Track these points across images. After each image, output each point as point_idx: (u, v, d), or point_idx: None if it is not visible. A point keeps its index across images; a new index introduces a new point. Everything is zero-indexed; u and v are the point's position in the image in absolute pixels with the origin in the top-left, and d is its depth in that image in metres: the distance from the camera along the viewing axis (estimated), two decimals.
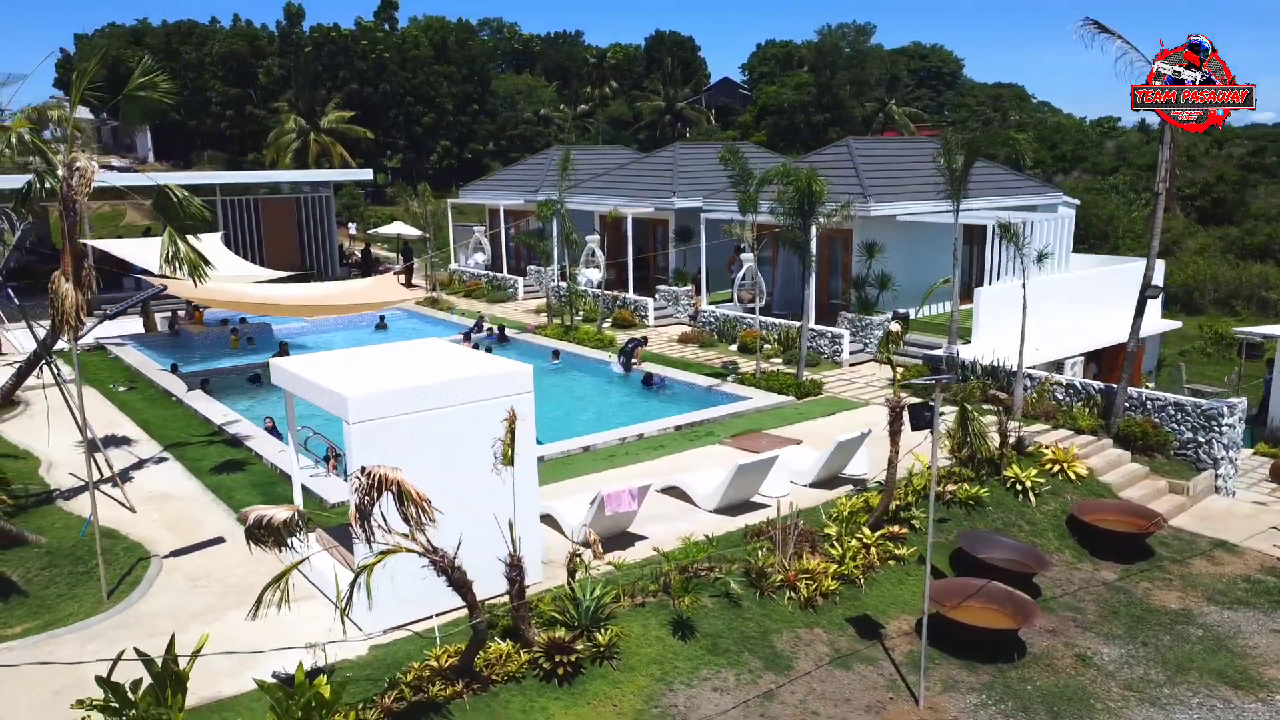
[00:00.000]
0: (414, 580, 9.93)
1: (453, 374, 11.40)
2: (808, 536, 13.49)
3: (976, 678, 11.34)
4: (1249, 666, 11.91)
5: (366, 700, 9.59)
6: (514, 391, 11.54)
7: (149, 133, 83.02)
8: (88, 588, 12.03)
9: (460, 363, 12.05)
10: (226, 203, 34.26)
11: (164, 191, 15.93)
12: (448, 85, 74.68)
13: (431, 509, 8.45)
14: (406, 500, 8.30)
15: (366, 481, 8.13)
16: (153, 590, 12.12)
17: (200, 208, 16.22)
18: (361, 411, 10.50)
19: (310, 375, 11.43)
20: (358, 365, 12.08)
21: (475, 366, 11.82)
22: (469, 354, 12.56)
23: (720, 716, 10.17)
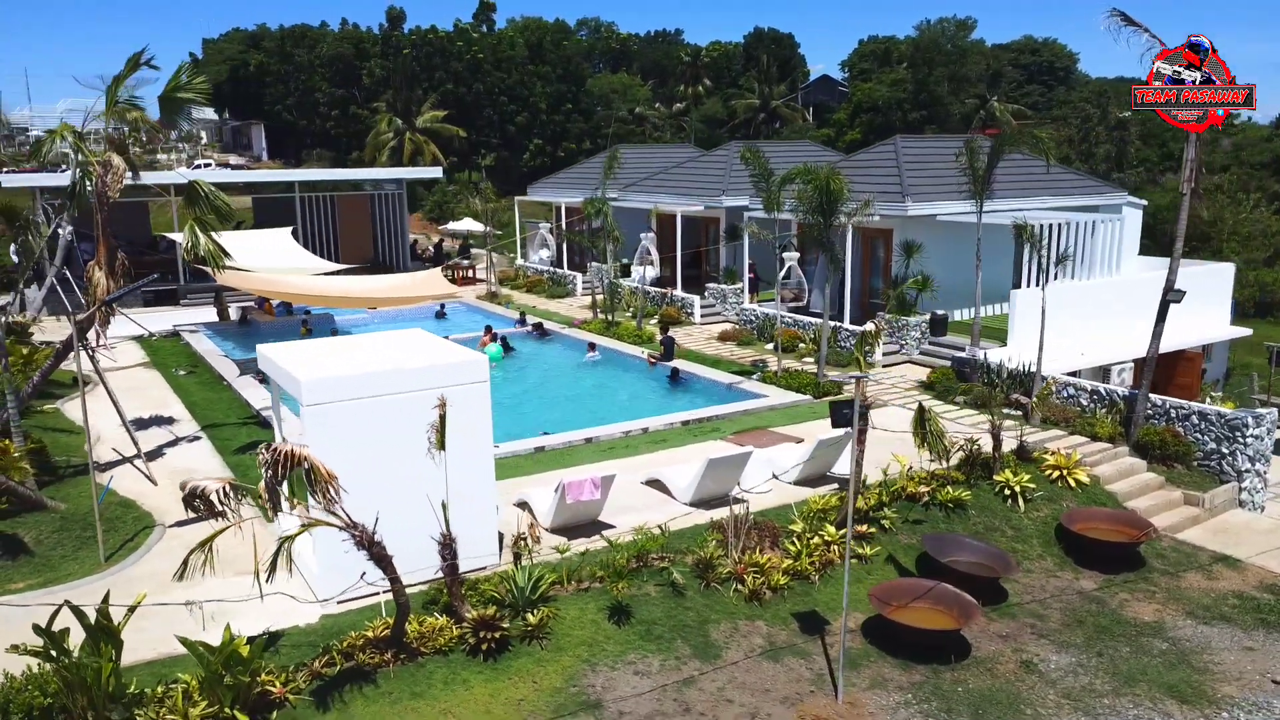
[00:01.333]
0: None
1: (406, 362, 12.04)
2: (770, 532, 13.69)
3: (908, 677, 11.38)
4: (1205, 682, 11.59)
5: (299, 664, 10.30)
6: (468, 380, 12.11)
7: (263, 132, 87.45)
8: (90, 551, 13.13)
9: (423, 352, 12.69)
10: (304, 199, 36.01)
11: (193, 186, 17.13)
12: (541, 85, 76.16)
13: (338, 486, 9.06)
14: (316, 477, 8.92)
15: (272, 458, 8.78)
16: (148, 556, 13.14)
17: (226, 202, 17.37)
18: (313, 394, 11.23)
19: (279, 360, 12.25)
20: (329, 352, 12.86)
21: (433, 356, 12.43)
22: (439, 345, 13.17)
23: (634, 698, 10.53)
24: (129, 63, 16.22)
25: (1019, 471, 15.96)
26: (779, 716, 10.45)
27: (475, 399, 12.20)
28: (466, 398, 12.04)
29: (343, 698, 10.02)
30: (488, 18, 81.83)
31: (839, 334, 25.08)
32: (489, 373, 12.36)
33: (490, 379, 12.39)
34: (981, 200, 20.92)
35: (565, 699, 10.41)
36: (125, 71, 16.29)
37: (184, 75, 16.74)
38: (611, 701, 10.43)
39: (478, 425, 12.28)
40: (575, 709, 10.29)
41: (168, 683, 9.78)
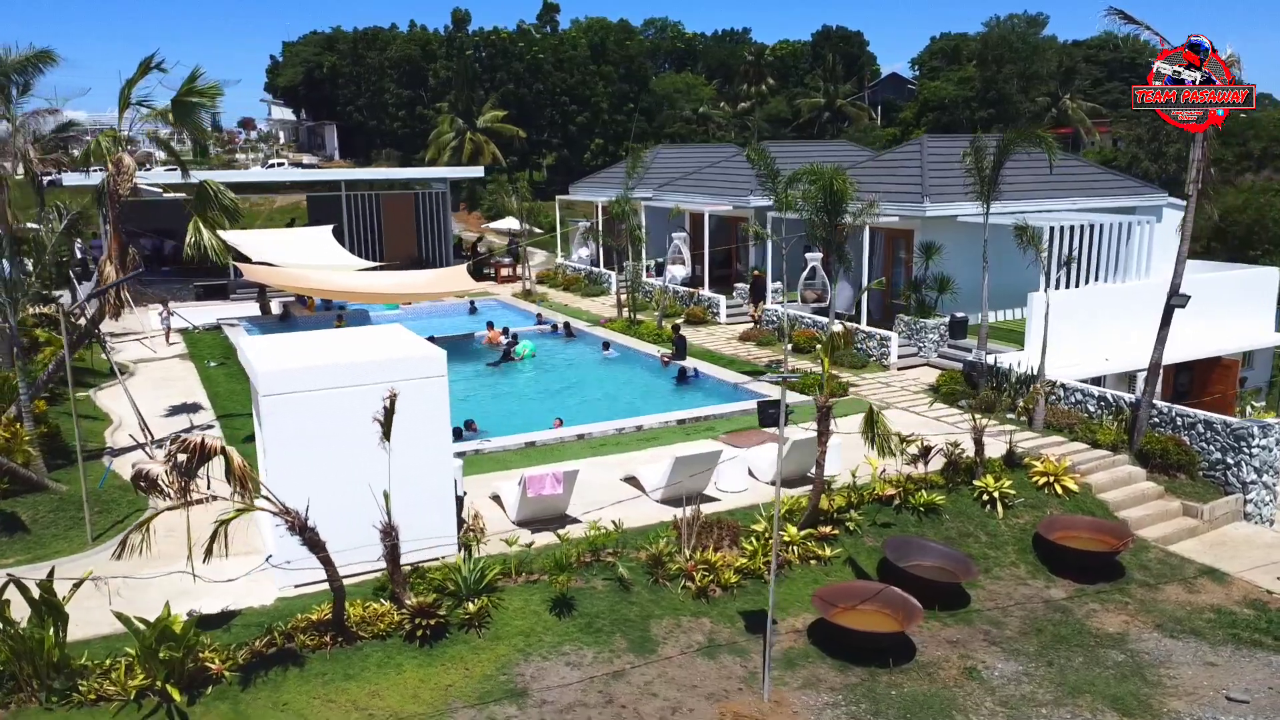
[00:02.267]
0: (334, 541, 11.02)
1: (365, 356, 12.46)
2: (731, 531, 13.78)
3: (844, 679, 11.37)
4: (1153, 696, 11.34)
5: (242, 643, 10.78)
6: (425, 375, 12.48)
7: (335, 132, 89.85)
8: (80, 530, 13.86)
9: (387, 347, 13.10)
10: (349, 197, 37.02)
11: (203, 186, 17.89)
12: (603, 85, 76.63)
13: (252, 475, 9.49)
14: (231, 468, 9.36)
15: (178, 449, 9.25)
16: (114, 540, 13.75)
17: (233, 201, 18.11)
18: (269, 385, 11.72)
19: (249, 352, 12.78)
20: (299, 346, 13.36)
21: (393, 351, 12.82)
22: (409, 340, 13.56)
23: (560, 688, 10.75)
24: (140, 66, 17.03)
25: (1001, 477, 15.73)
26: (701, 712, 10.57)
27: (432, 393, 12.56)
28: (423, 391, 12.42)
29: (277, 676, 10.47)
30: (551, 19, 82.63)
31: (856, 336, 24.88)
32: (446, 367, 12.69)
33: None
34: (988, 202, 20.55)
35: (493, 686, 10.69)
36: (136, 75, 17.10)
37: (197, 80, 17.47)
38: (537, 690, 10.68)
39: (435, 418, 12.64)
40: (500, 696, 10.56)
41: (116, 656, 10.33)
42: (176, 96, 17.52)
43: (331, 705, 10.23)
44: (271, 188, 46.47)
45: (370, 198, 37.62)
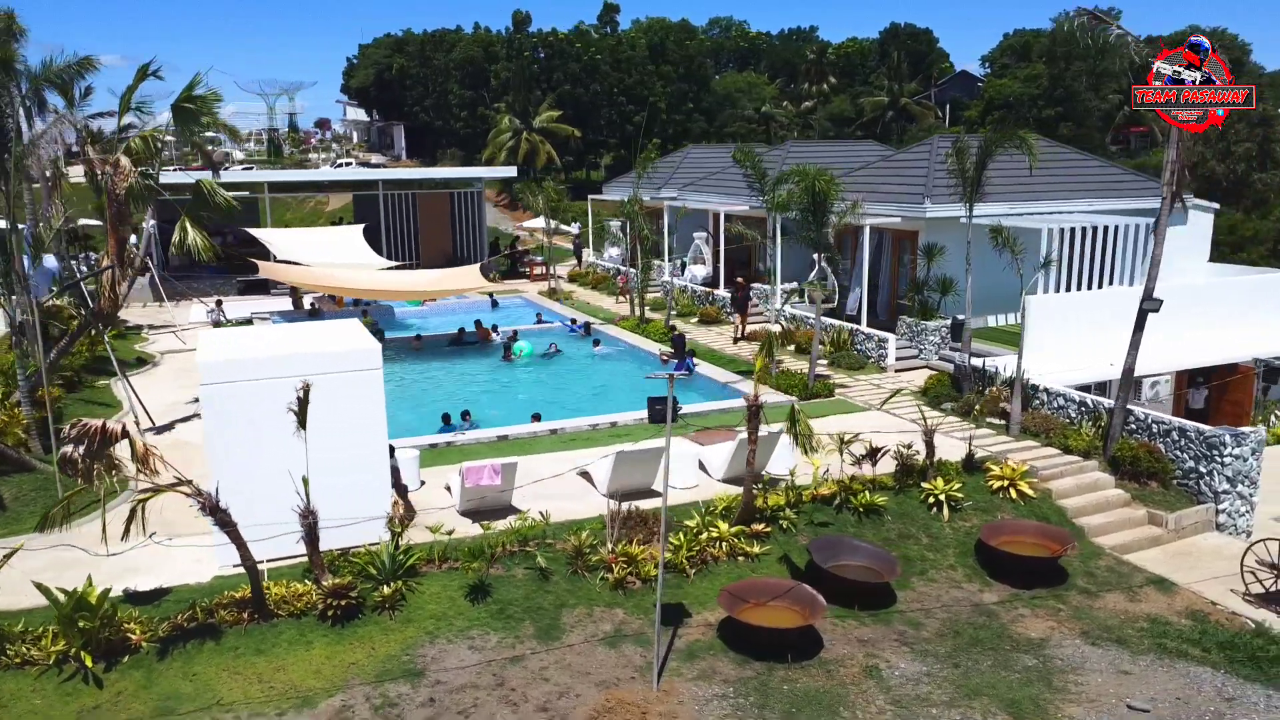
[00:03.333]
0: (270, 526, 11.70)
1: (301, 349, 13.10)
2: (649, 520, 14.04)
3: (739, 672, 11.58)
4: (1052, 701, 11.29)
5: (165, 616, 11.49)
6: (359, 368, 13.07)
7: (403, 132, 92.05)
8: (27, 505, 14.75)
9: (326, 340, 13.73)
10: (387, 196, 38.14)
11: (200, 185, 18.86)
12: (662, 85, 77.03)
13: (155, 457, 10.15)
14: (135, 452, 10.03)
15: (78, 433, 9.95)
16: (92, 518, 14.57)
17: (228, 200, 19.04)
18: (207, 375, 12.43)
19: (203, 344, 13.53)
20: (249, 339, 14.08)
21: (330, 344, 13.44)
22: (351, 334, 14.17)
23: (457, 670, 11.21)
24: (138, 73, 18.03)
25: (952, 480, 15.68)
26: (587, 697, 10.92)
27: (367, 385, 13.15)
28: (357, 384, 13.03)
29: (193, 649, 11.15)
30: (611, 19, 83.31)
31: (855, 337, 24.82)
32: (381, 360, 13.25)
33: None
34: (972, 203, 20.34)
35: (393, 665, 11.21)
36: (135, 82, 18.11)
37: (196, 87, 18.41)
38: (434, 672, 11.16)
39: (370, 409, 13.22)
40: (398, 675, 11.07)
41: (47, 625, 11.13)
42: (175, 102, 18.46)
43: (238, 677, 10.86)
44: (314, 187, 47.97)
45: (407, 197, 38.69)
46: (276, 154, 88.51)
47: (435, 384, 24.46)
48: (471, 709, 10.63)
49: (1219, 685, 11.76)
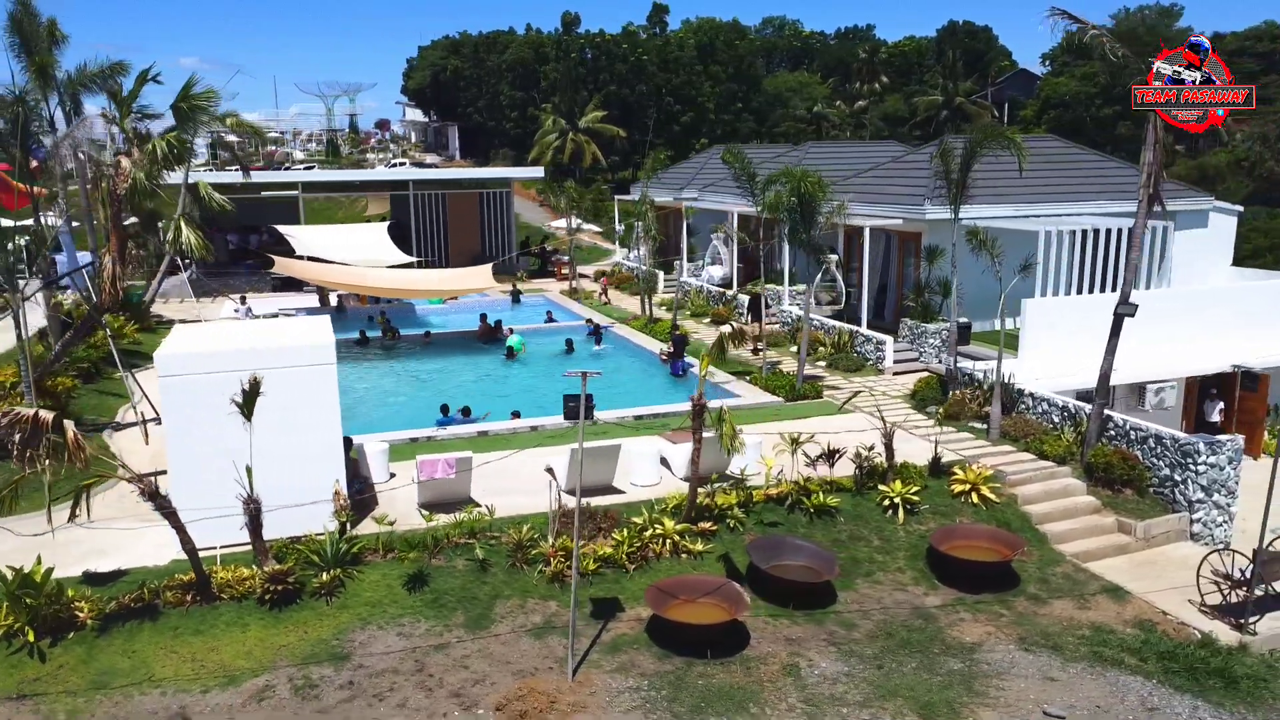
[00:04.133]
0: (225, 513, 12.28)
1: (256, 344, 13.65)
2: (612, 522, 14.32)
3: (658, 666, 11.78)
4: (968, 704, 11.29)
5: (112, 596, 12.11)
6: (312, 362, 13.58)
7: (457, 132, 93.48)
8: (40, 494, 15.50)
9: (283, 336, 14.26)
10: (417, 196, 38.97)
11: (197, 186, 19.63)
12: (710, 85, 77.06)
13: (85, 447, 10.72)
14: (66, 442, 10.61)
15: (9, 422, 10.54)
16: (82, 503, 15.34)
17: (221, 202, 19.79)
18: (165, 367, 13.04)
19: (169, 339, 14.16)
20: (214, 333, 14.70)
21: (287, 340, 13.97)
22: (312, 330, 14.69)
23: (382, 655, 11.62)
24: (138, 79, 18.88)
25: (911, 483, 15.65)
26: (502, 685, 11.23)
27: (321, 379, 13.65)
28: (310, 378, 13.55)
29: (135, 628, 11.74)
30: (661, 20, 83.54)
31: (855, 339, 24.74)
32: (335, 355, 13.74)
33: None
34: (957, 205, 20.16)
35: (321, 649, 11.66)
36: (136, 86, 18.96)
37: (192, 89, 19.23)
38: (359, 656, 11.58)
39: (323, 402, 13.71)
40: (324, 659, 11.51)
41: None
42: (174, 103, 19.32)
43: (173, 656, 11.41)
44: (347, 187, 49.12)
45: (437, 197, 39.46)
46: (334, 154, 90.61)
47: (442, 378, 25.01)
48: (387, 693, 11.03)
49: (1145, 695, 11.62)
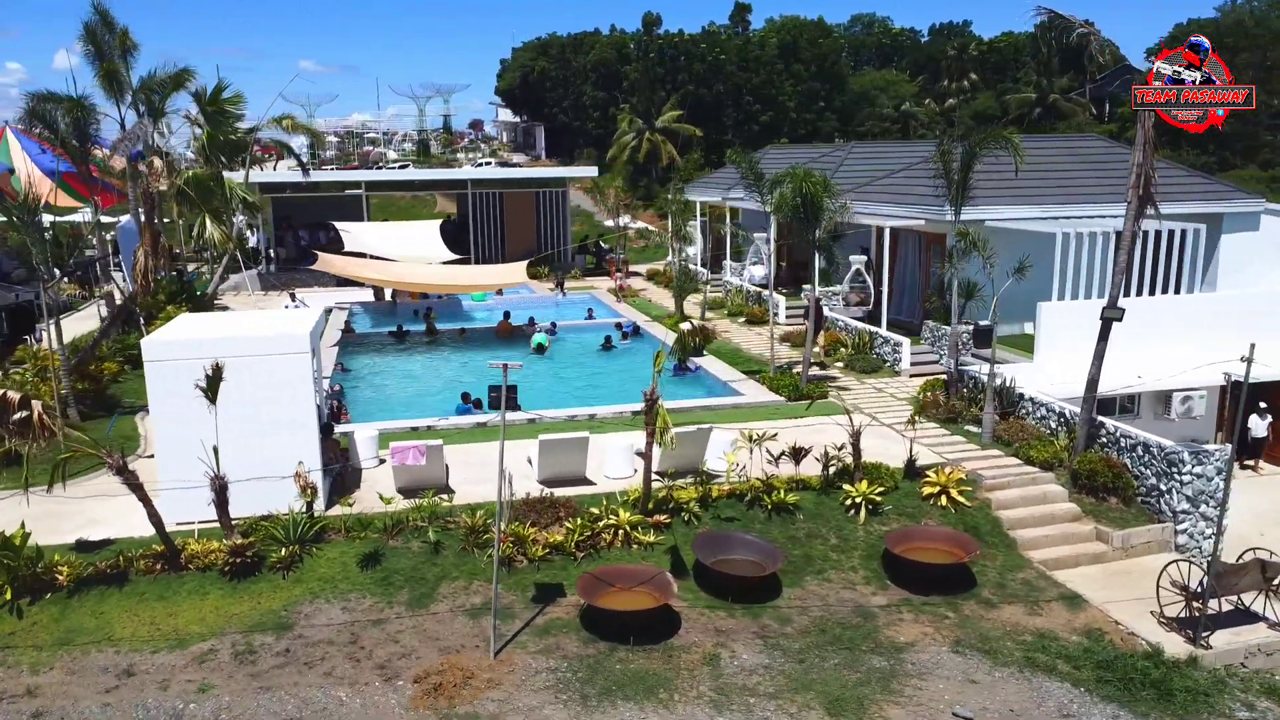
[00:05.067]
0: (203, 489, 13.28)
1: (235, 333, 14.60)
2: (570, 511, 14.78)
3: (581, 650, 12.20)
4: (877, 702, 11.38)
5: (90, 562, 13.15)
6: (287, 351, 14.43)
7: (543, 133, 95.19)
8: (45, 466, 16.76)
9: (266, 326, 15.17)
10: (475, 195, 40.12)
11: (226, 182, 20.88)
12: (792, 84, 76.64)
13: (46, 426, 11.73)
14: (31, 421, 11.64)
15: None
16: (87, 478, 16.40)
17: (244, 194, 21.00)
18: (150, 353, 14.07)
19: (166, 328, 15.23)
20: (206, 323, 15.71)
21: (264, 329, 14.86)
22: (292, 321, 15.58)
23: (323, 627, 12.35)
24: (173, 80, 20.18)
25: (882, 483, 15.66)
26: (427, 660, 11.83)
27: (295, 367, 14.50)
28: (285, 365, 14.41)
29: (106, 592, 12.75)
30: (743, 19, 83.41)
31: (874, 340, 24.60)
32: (310, 345, 14.57)
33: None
34: (959, 206, 19.88)
35: (268, 618, 12.45)
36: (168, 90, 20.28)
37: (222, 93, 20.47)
38: (302, 627, 12.33)
39: (298, 388, 14.56)
40: (269, 627, 12.30)
41: None
42: (204, 105, 20.56)
43: (134, 619, 12.37)
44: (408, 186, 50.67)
45: (494, 196, 40.54)
46: (425, 154, 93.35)
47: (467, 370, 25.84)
48: (318, 661, 11.75)
49: (1064, 701, 11.51)
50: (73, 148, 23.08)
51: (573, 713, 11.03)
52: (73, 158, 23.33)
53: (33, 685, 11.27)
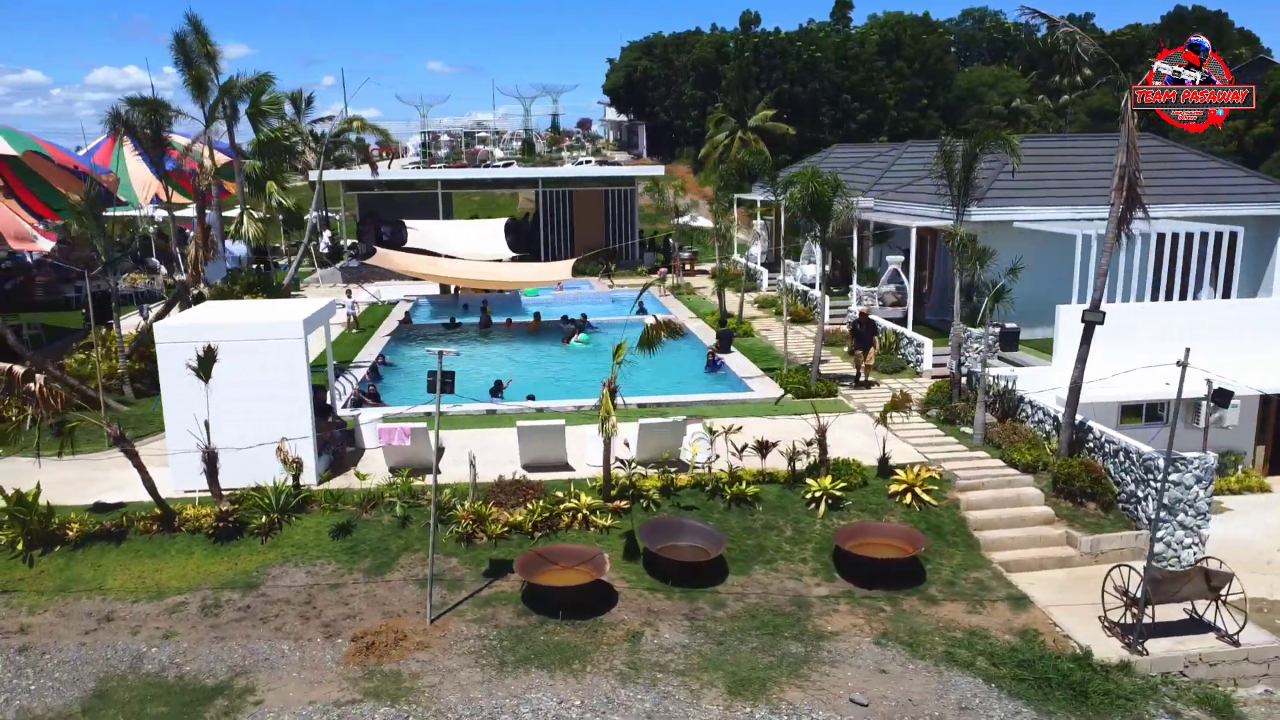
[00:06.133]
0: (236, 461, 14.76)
1: (234, 319, 15.97)
2: (536, 493, 15.60)
3: (514, 621, 12.98)
4: (780, 684, 11.80)
5: (99, 521, 14.68)
6: (282, 336, 15.72)
7: (645, 131, 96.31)
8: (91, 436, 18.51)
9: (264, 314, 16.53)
10: (545, 193, 41.39)
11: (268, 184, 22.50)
12: (893, 81, 75.55)
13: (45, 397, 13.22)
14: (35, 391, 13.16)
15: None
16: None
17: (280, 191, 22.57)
18: (161, 336, 15.56)
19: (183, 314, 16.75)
20: (215, 311, 17.20)
21: (262, 317, 16.21)
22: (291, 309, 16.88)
23: (285, 588, 13.52)
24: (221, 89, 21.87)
25: (843, 479, 15.93)
26: (368, 621, 12.85)
27: (290, 350, 15.78)
28: (280, 349, 15.71)
29: (106, 548, 14.25)
30: (844, 16, 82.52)
31: (900, 340, 24.56)
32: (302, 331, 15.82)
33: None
34: (960, 207, 19.75)
35: (240, 577, 13.71)
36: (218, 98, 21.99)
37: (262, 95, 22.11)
38: (267, 587, 13.54)
39: (294, 370, 15.83)
40: (238, 585, 13.56)
41: None
42: (248, 109, 22.23)
43: (125, 572, 13.81)
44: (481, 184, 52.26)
45: (564, 194, 41.72)
46: (529, 153, 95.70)
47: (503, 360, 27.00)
48: (273, 618, 12.91)
49: (967, 695, 11.68)
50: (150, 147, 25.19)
51: (486, 676, 11.85)
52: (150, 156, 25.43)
53: (26, 624, 12.80)
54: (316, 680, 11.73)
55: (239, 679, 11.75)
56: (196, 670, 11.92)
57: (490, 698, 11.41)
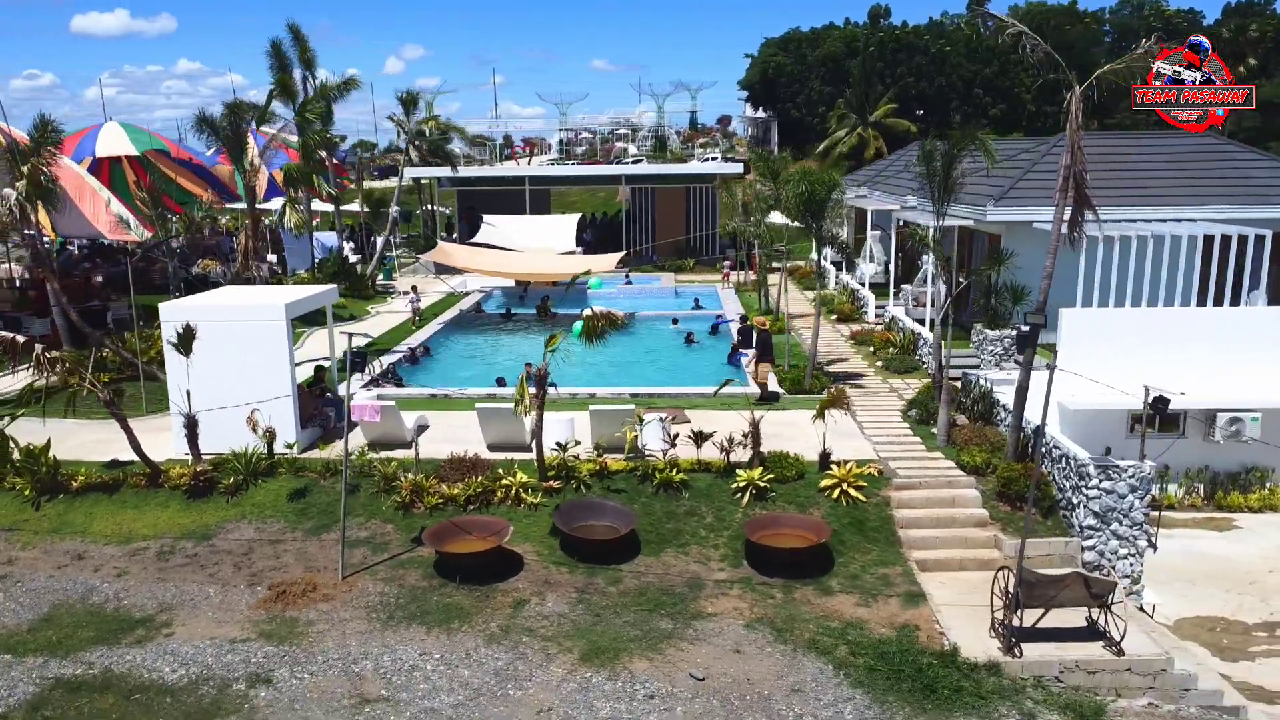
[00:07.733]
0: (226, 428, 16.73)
1: (224, 302, 17.84)
2: (484, 470, 16.75)
3: (417, 582, 14.16)
4: (631, 654, 12.49)
5: (100, 475, 16.80)
6: (265, 319, 17.47)
7: (776, 127, 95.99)
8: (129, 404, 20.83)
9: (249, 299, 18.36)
10: (630, 190, 42.54)
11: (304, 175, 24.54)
12: (1027, 75, 72.77)
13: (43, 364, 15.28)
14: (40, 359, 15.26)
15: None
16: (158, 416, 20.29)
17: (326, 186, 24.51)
18: (165, 315, 17.59)
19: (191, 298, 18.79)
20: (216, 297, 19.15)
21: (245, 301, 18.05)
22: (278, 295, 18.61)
23: (234, 540, 15.18)
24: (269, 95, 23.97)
25: (774, 471, 16.32)
26: (290, 573, 14.32)
27: (273, 332, 17.50)
28: (265, 331, 17.45)
29: (100, 498, 16.32)
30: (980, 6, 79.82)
31: (918, 340, 24.36)
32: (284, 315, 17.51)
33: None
34: (942, 207, 19.46)
35: (199, 530, 15.48)
36: (266, 103, 24.14)
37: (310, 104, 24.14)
38: (217, 539, 15.25)
39: (277, 350, 17.55)
40: (195, 536, 15.32)
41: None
42: (296, 114, 24.30)
43: (108, 520, 15.82)
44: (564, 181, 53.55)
45: (648, 191, 42.74)
46: (661, 149, 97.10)
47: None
48: (211, 565, 14.58)
49: (806, 679, 12.05)
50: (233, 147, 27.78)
51: (371, 627, 13.09)
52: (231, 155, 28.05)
53: (14, 558, 14.95)
54: (225, 620, 13.28)
55: (162, 614, 13.44)
56: (131, 604, 13.70)
57: (363, 646, 12.64)
